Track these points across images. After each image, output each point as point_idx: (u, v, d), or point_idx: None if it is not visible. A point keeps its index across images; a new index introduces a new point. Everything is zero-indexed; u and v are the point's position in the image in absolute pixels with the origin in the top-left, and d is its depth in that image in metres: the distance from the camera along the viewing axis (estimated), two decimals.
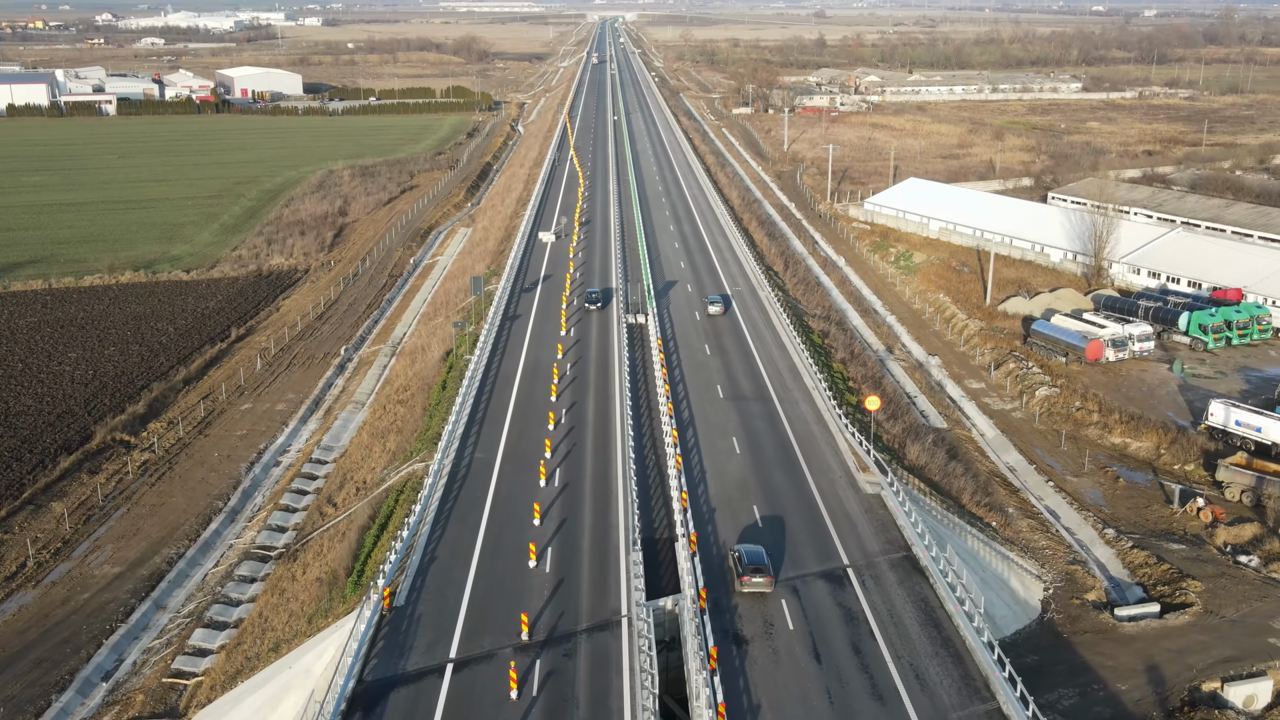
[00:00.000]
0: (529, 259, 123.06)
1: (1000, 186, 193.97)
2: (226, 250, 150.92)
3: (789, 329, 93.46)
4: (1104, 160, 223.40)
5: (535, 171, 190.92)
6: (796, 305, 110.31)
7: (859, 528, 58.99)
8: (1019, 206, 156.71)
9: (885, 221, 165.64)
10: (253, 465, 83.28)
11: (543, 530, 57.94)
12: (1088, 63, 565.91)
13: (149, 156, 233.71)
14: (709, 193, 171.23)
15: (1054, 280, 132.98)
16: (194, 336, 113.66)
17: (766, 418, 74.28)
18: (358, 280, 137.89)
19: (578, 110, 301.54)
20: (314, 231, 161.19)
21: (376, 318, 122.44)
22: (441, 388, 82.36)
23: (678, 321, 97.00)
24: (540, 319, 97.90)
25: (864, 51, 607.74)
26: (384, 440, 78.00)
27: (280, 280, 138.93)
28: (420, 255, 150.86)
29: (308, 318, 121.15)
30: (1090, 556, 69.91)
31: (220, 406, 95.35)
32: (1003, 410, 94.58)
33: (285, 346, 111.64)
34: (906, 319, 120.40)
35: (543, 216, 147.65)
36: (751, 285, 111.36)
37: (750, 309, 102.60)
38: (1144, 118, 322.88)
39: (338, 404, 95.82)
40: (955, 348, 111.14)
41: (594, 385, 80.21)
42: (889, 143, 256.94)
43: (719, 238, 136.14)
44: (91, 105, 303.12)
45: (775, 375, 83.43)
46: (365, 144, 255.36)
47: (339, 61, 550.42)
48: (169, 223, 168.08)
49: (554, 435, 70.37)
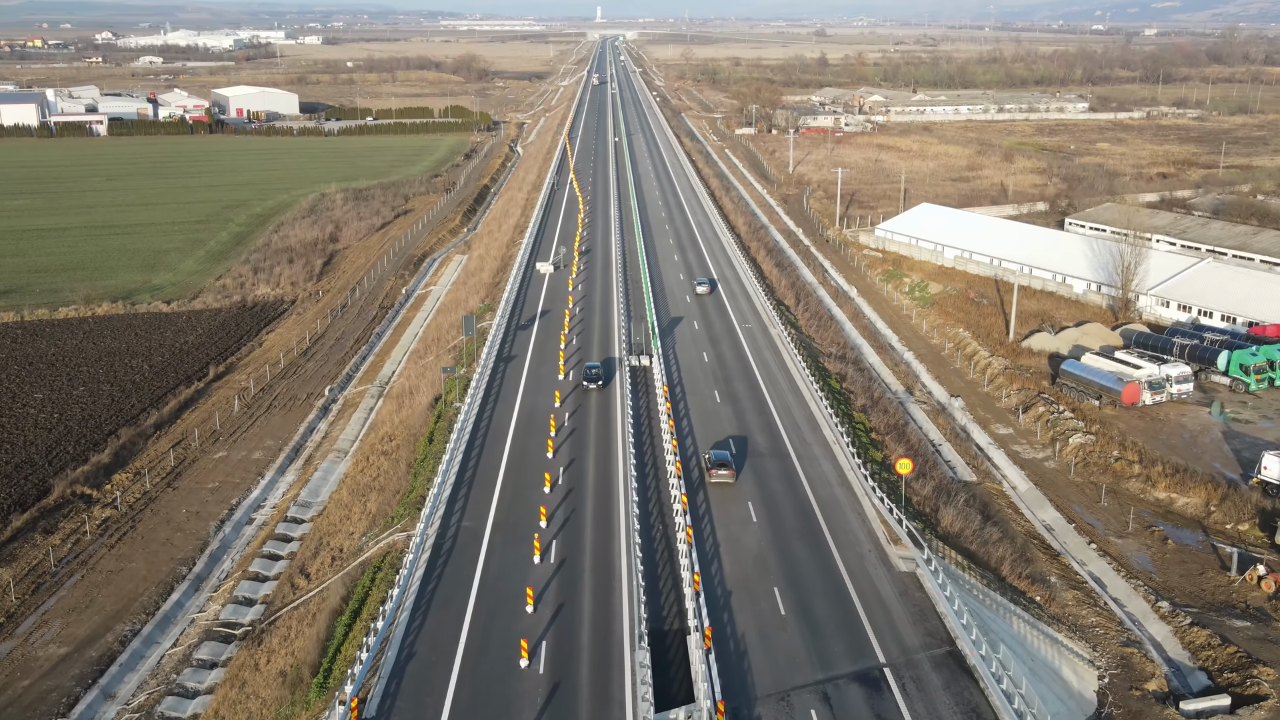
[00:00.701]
0: (526, 292, 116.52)
1: (1014, 211, 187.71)
2: (210, 279, 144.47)
3: (805, 373, 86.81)
4: (1118, 183, 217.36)
5: (534, 196, 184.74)
6: (810, 344, 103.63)
7: (894, 616, 52.16)
8: (1038, 234, 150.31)
9: (897, 249, 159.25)
10: (223, 524, 76.46)
11: (536, 619, 51.13)
12: (1092, 82, 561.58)
13: (138, 179, 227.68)
14: (714, 219, 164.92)
15: (1078, 313, 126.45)
16: (169, 375, 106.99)
17: (785, 478, 67.52)
18: (346, 312, 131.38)
19: (578, 131, 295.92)
20: (303, 259, 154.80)
21: (365, 353, 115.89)
22: (428, 440, 75.61)
23: (685, 363, 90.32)
24: (537, 361, 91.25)
25: (867, 70, 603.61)
26: (364, 500, 71.22)
27: (265, 312, 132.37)
28: (413, 285, 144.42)
29: (291, 354, 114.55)
30: (1145, 635, 63.02)
31: (192, 454, 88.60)
32: (1034, 460, 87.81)
33: (266, 386, 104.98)
34: (925, 356, 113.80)
35: (541, 245, 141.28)
36: (762, 322, 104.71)
37: (762, 349, 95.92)
38: (1154, 139, 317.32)
39: (319, 452, 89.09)
40: (978, 388, 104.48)
41: (594, 438, 73.52)
42: (896, 165, 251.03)
43: (726, 269, 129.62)
44: (82, 125, 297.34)
45: (792, 426, 76.70)
46: (360, 165, 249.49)
47: (337, 80, 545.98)
48: (152, 249, 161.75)
49: (550, 500, 63.61)
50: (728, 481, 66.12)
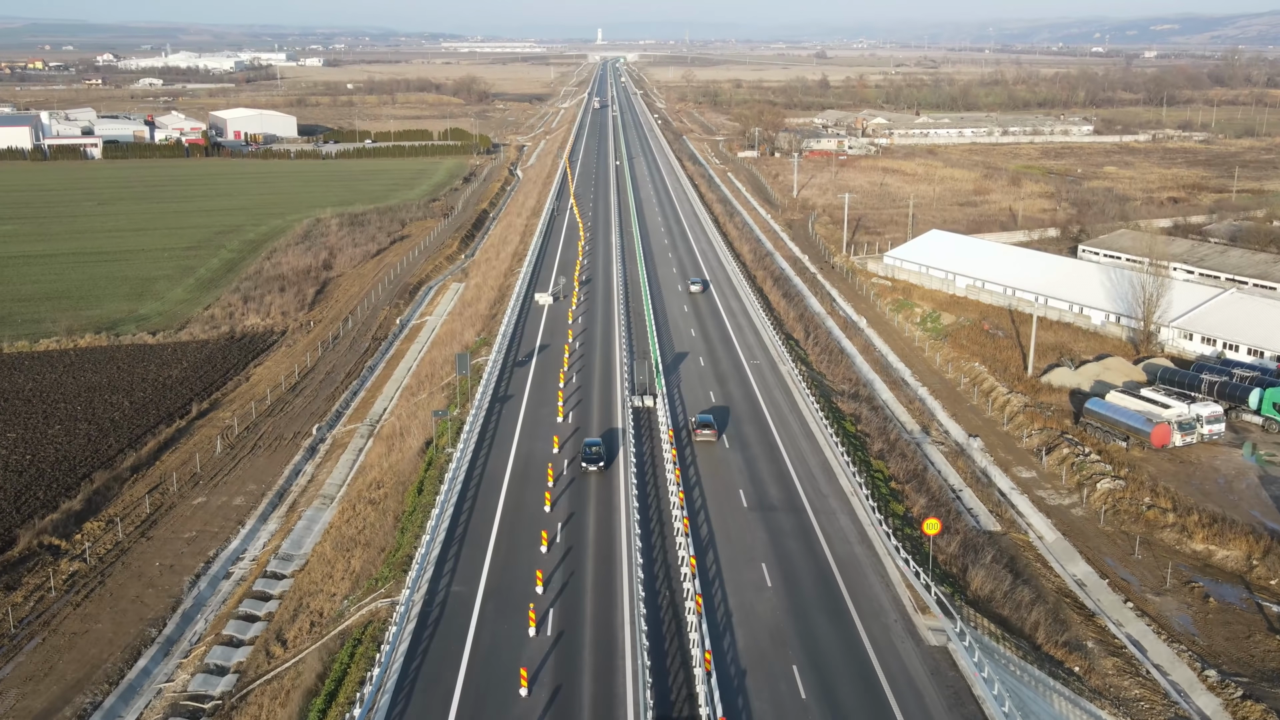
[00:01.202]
0: (524, 325, 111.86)
1: (1025, 238, 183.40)
2: (199, 309, 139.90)
3: (818, 415, 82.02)
4: (1129, 208, 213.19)
5: (533, 222, 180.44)
6: (821, 381, 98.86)
7: (927, 700, 47.25)
8: (1053, 262, 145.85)
9: (907, 277, 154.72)
10: (198, 579, 71.52)
11: (531, 705, 46.22)
12: (1095, 104, 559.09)
13: (130, 203, 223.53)
14: (718, 246, 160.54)
15: (1097, 345, 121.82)
16: (151, 412, 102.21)
17: (800, 535, 62.65)
18: (338, 343, 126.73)
19: (578, 154, 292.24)
20: (295, 287, 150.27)
21: (356, 388, 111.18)
22: (418, 490, 70.73)
23: (691, 403, 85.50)
24: (534, 402, 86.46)
25: (868, 93, 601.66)
26: (348, 556, 66.32)
27: (254, 343, 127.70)
28: (408, 314, 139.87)
29: (279, 389, 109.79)
30: (1193, 709, 58.03)
31: (170, 500, 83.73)
32: (1061, 506, 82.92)
33: (251, 424, 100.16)
34: (940, 391, 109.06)
35: (540, 274, 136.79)
36: (771, 358, 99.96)
37: (772, 388, 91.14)
38: (1161, 162, 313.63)
39: (304, 498, 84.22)
40: (997, 426, 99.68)
41: (594, 489, 68.71)
42: (902, 189, 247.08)
43: (732, 300, 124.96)
44: (76, 149, 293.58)
45: (806, 476, 71.86)
46: (357, 189, 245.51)
47: (337, 102, 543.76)
48: (141, 277, 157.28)
49: (547, 561, 58.76)
50: (740, 538, 61.13)
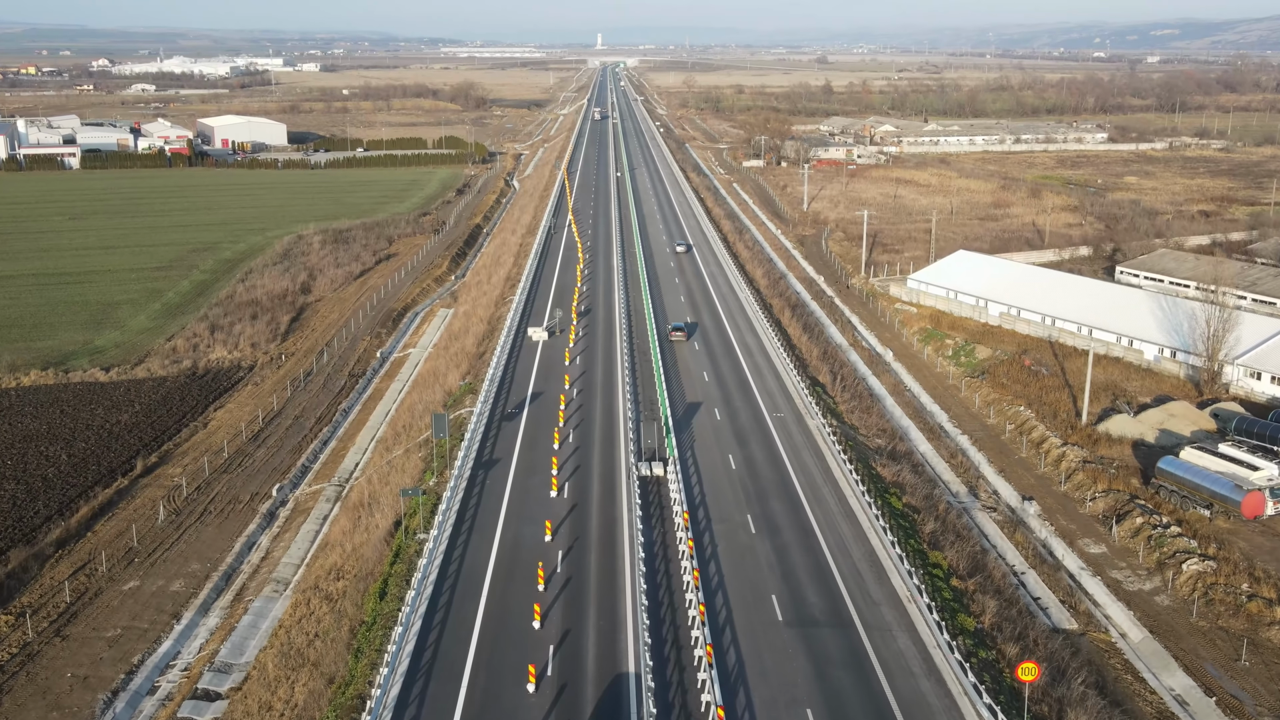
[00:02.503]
0: (514, 366, 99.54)
1: (1055, 257, 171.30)
2: (160, 339, 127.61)
3: (857, 488, 69.79)
4: (1161, 224, 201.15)
5: (528, 241, 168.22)
6: (854, 436, 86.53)
7: None
8: (1096, 289, 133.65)
9: (933, 303, 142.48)
10: (115, 697, 59.20)
11: None
12: (1105, 110, 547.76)
13: (104, 218, 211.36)
14: (728, 269, 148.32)
15: (1152, 384, 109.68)
16: (90, 468, 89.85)
17: (852, 664, 50.36)
18: (311, 381, 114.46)
19: (577, 163, 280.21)
20: (268, 315, 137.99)
21: (327, 436, 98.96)
22: (380, 594, 58.37)
23: (707, 472, 73.11)
24: (524, 468, 74.10)
25: (873, 98, 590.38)
26: (293, 679, 53.99)
27: (218, 381, 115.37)
28: (390, 346, 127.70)
29: (239, 438, 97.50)
30: None
31: (97, 585, 71.43)
32: (1142, 593, 70.65)
33: (204, 483, 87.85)
34: (983, 441, 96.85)
35: (534, 302, 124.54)
36: (796, 410, 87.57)
37: (800, 449, 78.77)
38: (1182, 171, 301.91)
39: (254, 581, 71.94)
40: (1053, 486, 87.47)
41: (595, 595, 56.44)
42: (917, 201, 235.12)
43: (748, 335, 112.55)
44: (53, 158, 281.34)
45: (851, 573, 59.53)
46: (344, 202, 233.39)
47: (331, 109, 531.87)
48: (103, 302, 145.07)
49: (536, 706, 46.43)
50: (778, 671, 48.74)
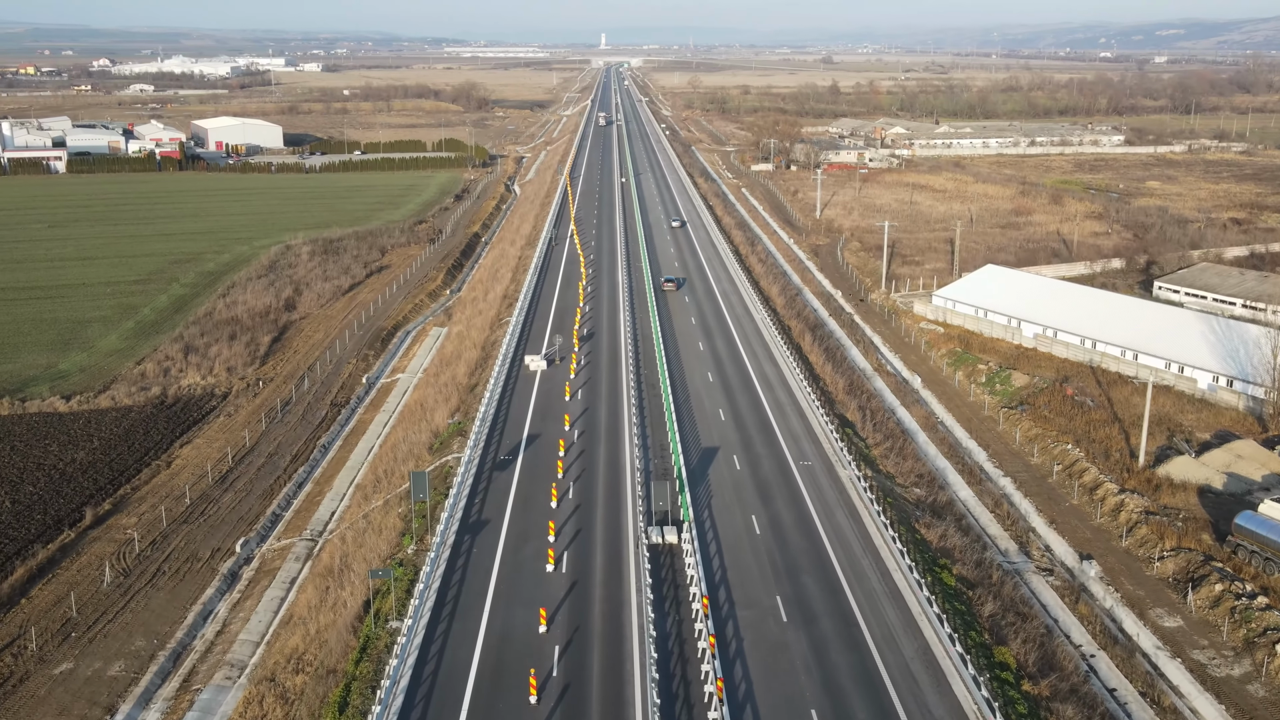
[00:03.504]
0: (509, 402, 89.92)
1: (1086, 270, 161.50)
2: (129, 363, 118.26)
3: (902, 561, 60.10)
4: (1193, 233, 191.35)
5: (528, 253, 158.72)
6: (892, 488, 76.87)
7: None
8: (1139, 308, 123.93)
9: (961, 322, 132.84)
10: None
11: None
12: (1118, 112, 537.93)
13: (85, 225, 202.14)
14: (741, 286, 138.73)
15: (1209, 418, 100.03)
16: (33, 518, 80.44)
17: None
18: (289, 411, 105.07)
19: (580, 168, 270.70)
20: (248, 334, 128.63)
21: (302, 478, 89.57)
22: (340, 705, 48.71)
23: (728, 539, 63.35)
24: (516, 533, 64.48)
25: (882, 99, 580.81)
26: None
27: (188, 411, 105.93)
28: (377, 370, 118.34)
29: (205, 480, 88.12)
30: None
31: (24, 667, 62.06)
32: (1230, 680, 61.07)
33: (160, 536, 78.47)
34: (1028, 483, 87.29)
35: (532, 326, 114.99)
36: (825, 456, 77.87)
37: (833, 508, 69.07)
38: (1206, 176, 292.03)
39: (205, 664, 62.48)
40: (1112, 540, 77.91)
41: (598, 712, 46.75)
42: (934, 207, 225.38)
43: (766, 365, 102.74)
44: (38, 162, 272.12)
45: (904, 678, 49.89)
46: (338, 208, 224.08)
47: (330, 110, 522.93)
48: (74, 319, 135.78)
49: None
50: None
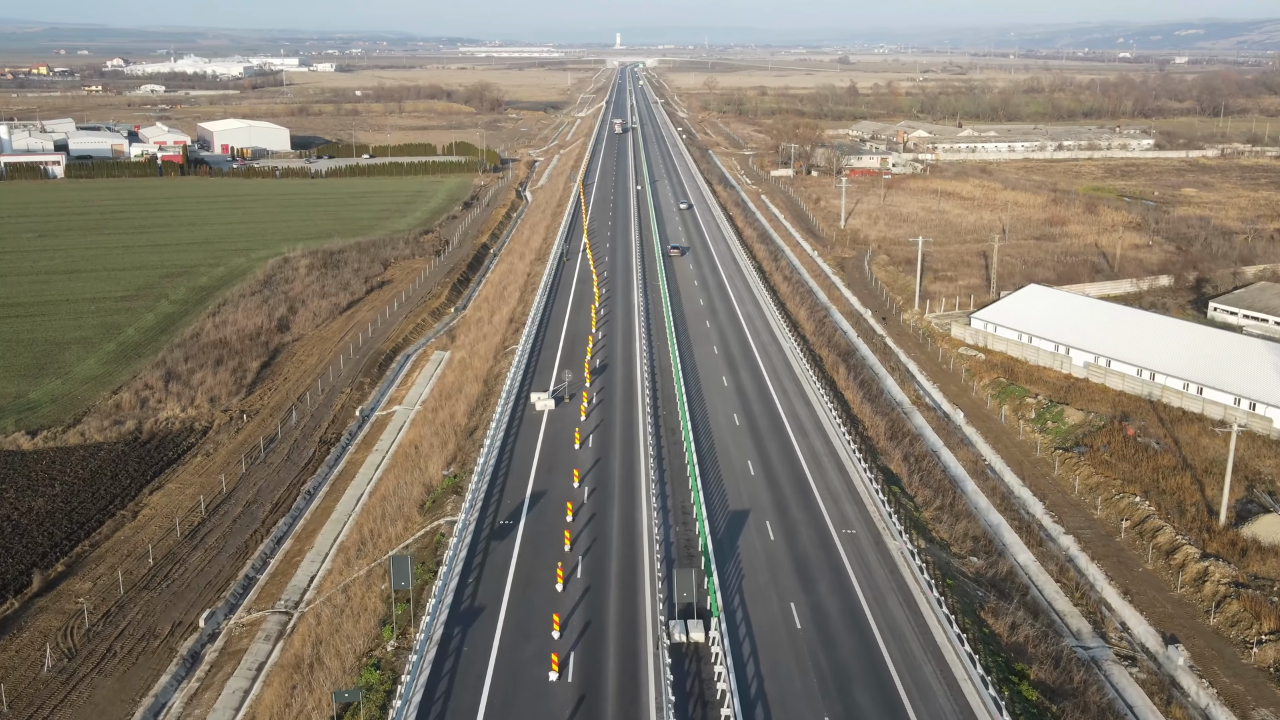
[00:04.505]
0: (512, 450, 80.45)
1: (1132, 288, 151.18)
2: (105, 392, 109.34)
3: (973, 670, 50.30)
4: (1240, 245, 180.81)
5: (537, 270, 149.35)
6: (948, 561, 67.06)
7: None
8: (1199, 334, 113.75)
9: (1004, 347, 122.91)
10: None
11: None
12: (1144, 114, 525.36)
13: (76, 235, 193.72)
14: (766, 308, 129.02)
15: None
16: None
17: None
18: (274, 451, 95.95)
19: (594, 175, 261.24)
20: (236, 359, 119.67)
21: (281, 533, 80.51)
22: None
23: (763, 635, 53.59)
24: (514, 629, 54.90)
25: (901, 101, 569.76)
26: None
27: (163, 449, 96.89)
28: (373, 401, 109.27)
29: (173, 534, 79.06)
30: None
31: None
32: None
33: (115, 607, 69.43)
34: (1092, 542, 77.54)
35: (539, 356, 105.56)
36: (871, 524, 67.97)
37: (883, 592, 59.22)
38: (1243, 182, 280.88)
39: None
40: (1197, 616, 68.13)
41: None
42: (963, 217, 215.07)
43: (799, 404, 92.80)
44: (35, 167, 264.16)
45: None
46: (341, 216, 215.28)
47: (340, 111, 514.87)
48: (52, 340, 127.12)
49: None
50: None
